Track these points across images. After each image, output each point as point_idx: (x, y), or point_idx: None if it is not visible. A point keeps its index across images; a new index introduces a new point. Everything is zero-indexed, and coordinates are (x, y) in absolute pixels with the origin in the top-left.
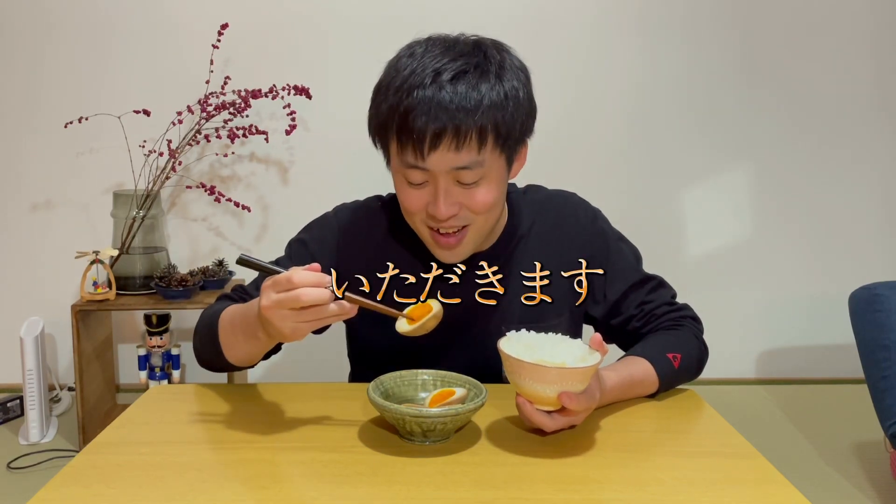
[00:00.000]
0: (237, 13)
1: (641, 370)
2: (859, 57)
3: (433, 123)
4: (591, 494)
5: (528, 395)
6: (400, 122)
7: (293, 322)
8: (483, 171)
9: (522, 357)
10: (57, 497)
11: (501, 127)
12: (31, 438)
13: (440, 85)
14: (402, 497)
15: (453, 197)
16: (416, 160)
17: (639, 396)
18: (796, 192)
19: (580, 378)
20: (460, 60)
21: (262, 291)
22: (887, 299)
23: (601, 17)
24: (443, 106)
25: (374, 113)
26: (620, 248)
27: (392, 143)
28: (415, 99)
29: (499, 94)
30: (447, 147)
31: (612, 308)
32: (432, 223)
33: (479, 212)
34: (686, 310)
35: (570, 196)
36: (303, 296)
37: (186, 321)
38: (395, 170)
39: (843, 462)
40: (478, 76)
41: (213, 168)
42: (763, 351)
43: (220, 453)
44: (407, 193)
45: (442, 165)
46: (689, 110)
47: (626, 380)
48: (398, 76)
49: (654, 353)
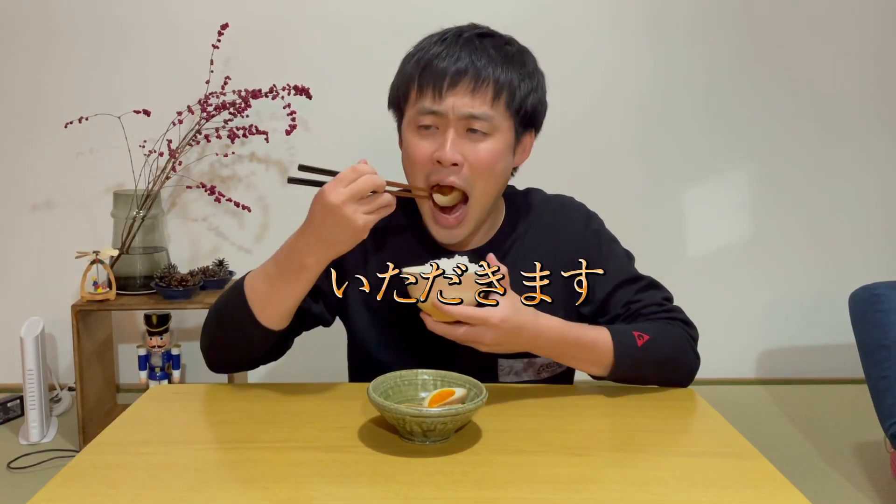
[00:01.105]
0: (237, 13)
1: (596, 332)
2: (860, 58)
3: (455, 64)
4: (591, 494)
5: (424, 308)
6: (424, 66)
7: (363, 213)
8: (492, 127)
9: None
10: (57, 497)
11: (517, 91)
12: (31, 438)
13: (468, 38)
14: (402, 497)
15: (459, 146)
16: (432, 102)
17: (593, 367)
18: (797, 192)
19: (461, 287)
20: (481, 28)
21: (322, 196)
22: (887, 299)
23: (604, 17)
24: (467, 52)
25: (398, 73)
26: (612, 248)
27: (410, 96)
28: (441, 46)
29: (521, 63)
30: (465, 88)
31: (599, 307)
32: (434, 175)
33: (481, 169)
34: (677, 312)
35: (566, 200)
36: (375, 179)
37: (186, 321)
38: (406, 126)
39: (843, 462)
40: (502, 42)
41: (213, 168)
42: (763, 351)
43: (220, 453)
44: (415, 144)
45: (457, 108)
46: (690, 111)
47: (571, 331)
48: (421, 46)
49: (619, 327)
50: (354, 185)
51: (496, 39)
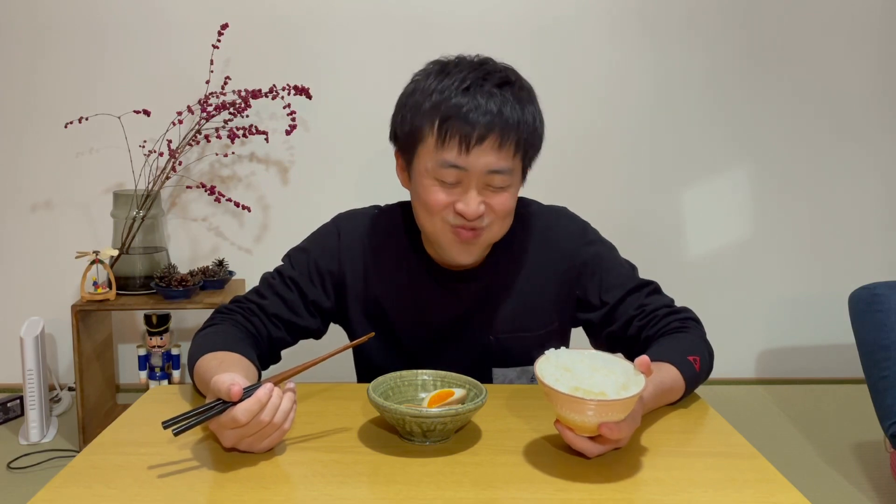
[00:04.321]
0: (237, 13)
1: (671, 377)
2: (861, 58)
3: (482, 120)
4: (591, 494)
5: (567, 422)
6: (446, 116)
7: (266, 443)
8: (511, 179)
9: (559, 384)
10: (57, 497)
11: (530, 140)
12: (31, 438)
13: (488, 91)
14: (402, 497)
15: (482, 198)
16: (457, 157)
17: (667, 404)
18: (796, 192)
19: (621, 409)
20: (497, 74)
21: (216, 432)
22: (887, 299)
23: (606, 17)
24: (491, 109)
25: (405, 116)
26: (614, 256)
27: (427, 142)
28: (465, 98)
29: (531, 111)
30: (490, 145)
31: (610, 312)
32: (455, 222)
33: (502, 215)
34: (687, 312)
35: (561, 210)
36: (263, 427)
37: (186, 321)
38: (422, 171)
39: (843, 462)
40: (517, 90)
41: (213, 168)
42: (763, 351)
43: (220, 453)
44: (434, 192)
45: (481, 165)
46: (692, 111)
47: (658, 388)
48: (437, 83)
49: (677, 358)
50: (240, 432)
51: (514, 88)
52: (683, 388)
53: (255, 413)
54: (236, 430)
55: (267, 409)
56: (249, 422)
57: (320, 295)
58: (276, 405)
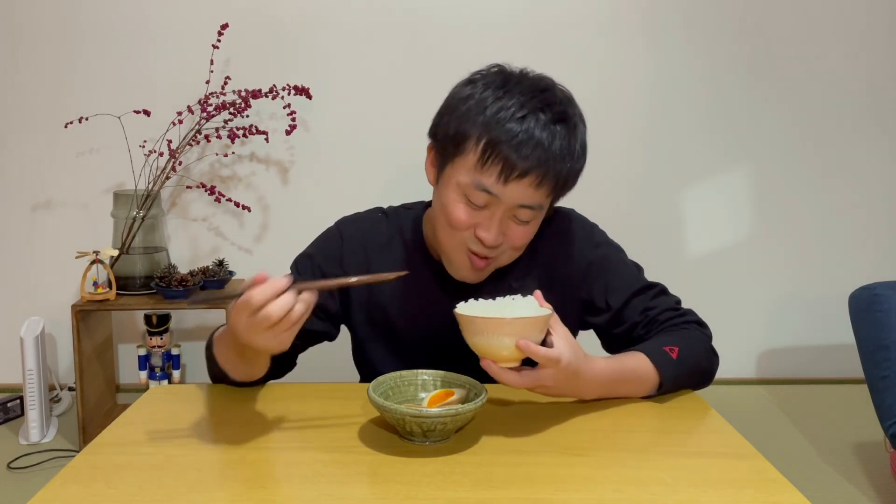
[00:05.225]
0: (237, 13)
1: (635, 360)
2: (860, 59)
3: (530, 155)
4: (591, 494)
5: (488, 354)
6: (494, 141)
7: (274, 338)
8: (537, 214)
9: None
10: (57, 497)
11: (569, 178)
12: (31, 438)
13: (543, 124)
14: (402, 497)
15: (503, 227)
16: (494, 184)
17: (640, 392)
18: (796, 192)
19: (532, 327)
20: (556, 106)
21: (231, 318)
22: (887, 299)
23: (604, 17)
24: (542, 145)
25: (452, 120)
26: (621, 258)
27: (468, 156)
28: (518, 127)
29: (580, 152)
30: (529, 182)
31: (615, 316)
32: (472, 245)
33: (517, 246)
34: (690, 314)
35: (567, 212)
36: (272, 313)
37: (186, 321)
38: (453, 183)
39: (843, 462)
40: (571, 127)
41: (213, 168)
42: (763, 351)
43: (220, 453)
44: (459, 209)
45: (514, 198)
46: (690, 111)
47: (616, 367)
48: (494, 98)
49: (650, 347)
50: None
51: (569, 126)
52: (655, 375)
53: (268, 297)
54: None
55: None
56: (261, 308)
57: (326, 299)
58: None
